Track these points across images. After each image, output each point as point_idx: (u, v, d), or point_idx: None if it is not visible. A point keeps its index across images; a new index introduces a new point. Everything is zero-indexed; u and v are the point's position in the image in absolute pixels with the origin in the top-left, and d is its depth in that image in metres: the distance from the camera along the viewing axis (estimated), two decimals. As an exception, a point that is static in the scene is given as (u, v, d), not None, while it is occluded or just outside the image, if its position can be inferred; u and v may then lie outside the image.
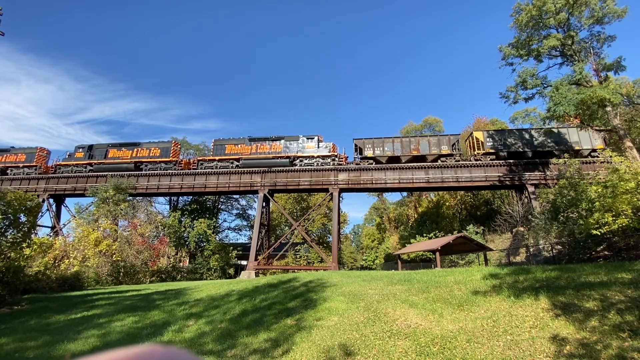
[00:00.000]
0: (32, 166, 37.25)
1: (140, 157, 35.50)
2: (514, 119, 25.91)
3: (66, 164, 36.99)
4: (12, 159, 37.88)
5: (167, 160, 35.00)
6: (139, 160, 35.34)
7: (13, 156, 38.00)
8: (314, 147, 33.34)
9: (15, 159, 37.83)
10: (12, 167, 37.63)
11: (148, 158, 35.31)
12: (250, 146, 34.17)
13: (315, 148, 33.34)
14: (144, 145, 36.32)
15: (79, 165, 36.57)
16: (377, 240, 59.86)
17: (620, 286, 8.22)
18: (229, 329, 9.30)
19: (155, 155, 35.28)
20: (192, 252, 42.54)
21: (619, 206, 15.04)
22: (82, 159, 36.61)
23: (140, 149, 35.93)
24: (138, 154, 35.74)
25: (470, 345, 6.85)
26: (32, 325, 11.30)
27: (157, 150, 35.46)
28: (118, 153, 36.19)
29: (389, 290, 11.48)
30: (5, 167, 37.76)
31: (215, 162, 34.22)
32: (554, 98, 21.20)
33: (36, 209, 17.14)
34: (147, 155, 35.50)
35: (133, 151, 36.06)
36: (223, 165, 34.01)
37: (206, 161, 34.77)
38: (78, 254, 27.36)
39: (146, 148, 35.95)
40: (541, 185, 28.69)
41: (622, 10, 21.94)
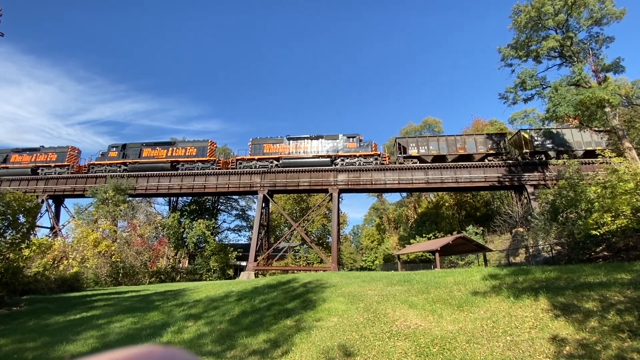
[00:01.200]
0: (64, 165, 36.54)
1: (177, 156, 34.83)
2: (513, 119, 25.87)
3: (100, 164, 36.31)
4: (42, 159, 37.10)
5: (205, 160, 34.19)
6: (176, 159, 34.64)
7: (43, 155, 37.19)
8: (355, 146, 32.74)
9: (45, 158, 37.04)
10: (43, 167, 36.85)
11: (184, 157, 34.58)
12: (288, 145, 33.55)
13: (356, 147, 32.67)
14: (179, 144, 35.73)
15: (112, 165, 35.88)
16: (377, 241, 59.87)
17: (620, 287, 8.22)
18: (228, 330, 9.29)
19: (191, 154, 34.61)
20: (192, 253, 42.50)
21: (618, 207, 15.06)
22: (116, 158, 35.91)
23: (175, 148, 35.28)
24: (174, 153, 35.09)
25: (469, 346, 6.85)
26: (31, 326, 11.27)
27: (193, 150, 34.80)
28: (153, 152, 35.57)
29: (388, 291, 11.48)
30: (36, 166, 36.97)
31: (255, 162, 33.58)
32: (553, 99, 21.25)
33: (35, 210, 17.12)
34: (183, 154, 34.83)
35: (168, 150, 35.40)
36: (262, 164, 33.42)
37: (245, 160, 33.93)
38: (77, 254, 27.33)
39: (182, 147, 35.28)
40: (540, 185, 28.70)
41: (621, 12, 22.00)
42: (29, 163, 37.24)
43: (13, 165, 37.36)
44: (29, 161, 37.38)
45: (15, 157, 37.90)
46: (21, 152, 38.19)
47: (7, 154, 38.36)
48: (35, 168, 37.00)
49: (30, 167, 36.90)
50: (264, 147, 33.89)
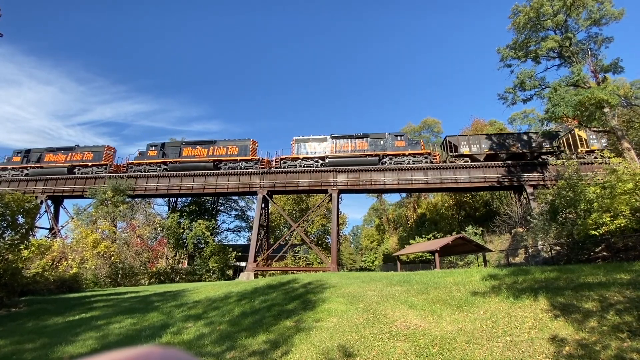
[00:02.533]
0: (101, 165, 35.87)
1: (218, 155, 34.35)
2: (512, 120, 25.94)
3: (139, 163, 35.61)
4: (78, 158, 36.37)
5: (248, 159, 33.65)
6: (218, 158, 34.04)
7: (79, 154, 36.48)
8: (404, 145, 32.15)
9: (81, 157, 36.33)
10: (80, 166, 36.13)
11: (226, 156, 34.15)
12: (333, 144, 33.12)
13: (405, 145, 32.09)
14: (221, 144, 34.98)
15: (152, 164, 35.21)
16: (377, 242, 59.91)
17: (619, 287, 8.23)
18: (227, 331, 9.27)
19: (233, 153, 34.19)
20: (191, 253, 42.45)
21: (617, 207, 15.08)
22: (156, 157, 35.23)
23: (217, 147, 34.72)
24: (215, 152, 34.53)
25: (469, 347, 6.85)
26: (29, 327, 11.24)
27: (235, 149, 34.29)
28: (193, 151, 34.87)
29: (388, 291, 11.47)
30: (73, 165, 36.22)
31: (299, 161, 33.01)
32: (552, 99, 21.28)
33: (34, 211, 17.08)
34: (224, 153, 34.35)
35: (209, 149, 34.69)
36: (307, 164, 32.99)
37: (289, 160, 33.22)
38: (76, 255, 27.28)
39: (223, 146, 34.58)
40: (540, 186, 28.71)
41: (619, 12, 22.05)
42: (64, 162, 36.44)
43: (48, 165, 36.56)
44: (64, 160, 36.55)
45: (49, 157, 37.01)
46: (55, 151, 37.29)
47: (40, 153, 37.57)
48: (72, 167, 36.25)
49: (66, 166, 36.10)
50: (307, 146, 33.31)
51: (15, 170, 37.24)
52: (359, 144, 32.75)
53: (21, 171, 37.07)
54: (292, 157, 33.27)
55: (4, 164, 37.93)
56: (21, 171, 37.07)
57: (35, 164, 36.93)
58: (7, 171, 37.41)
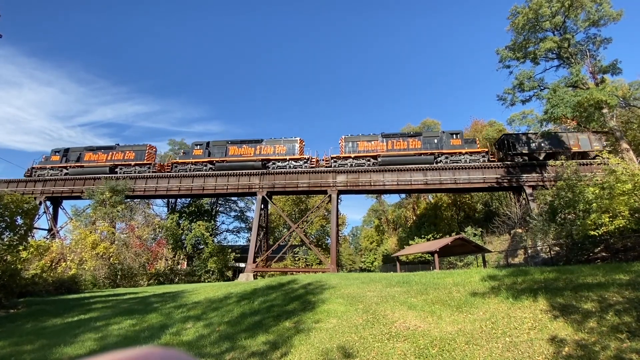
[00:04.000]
0: (144, 164, 35.26)
1: (266, 154, 33.93)
2: (511, 121, 25.97)
3: (184, 162, 34.94)
4: (119, 157, 35.83)
5: (297, 158, 33.22)
6: (266, 158, 33.60)
7: (120, 154, 35.93)
8: (460, 143, 31.49)
9: (123, 156, 35.76)
10: (122, 165, 35.57)
11: (274, 155, 33.66)
12: (384, 143, 32.56)
13: (461, 144, 31.49)
14: (268, 143, 34.48)
15: (197, 163, 34.58)
16: (376, 242, 59.90)
17: (618, 287, 8.24)
18: (227, 332, 9.26)
19: (281, 152, 33.79)
20: (190, 254, 42.40)
21: (616, 207, 15.11)
22: (201, 156, 34.62)
23: (264, 146, 34.24)
24: (262, 151, 34.13)
25: (469, 347, 6.84)
26: (28, 328, 11.20)
27: (283, 148, 33.89)
28: (240, 150, 34.47)
29: (387, 292, 11.47)
30: (115, 165, 35.67)
31: (350, 160, 32.41)
32: (551, 100, 21.33)
33: (33, 212, 17.05)
34: (272, 152, 34.01)
35: (256, 148, 34.30)
36: (358, 163, 32.28)
37: (340, 159, 32.67)
38: (75, 256, 27.21)
39: (270, 145, 34.19)
40: (539, 186, 28.76)
41: (618, 13, 22.12)
42: (105, 162, 35.95)
43: (89, 164, 36.11)
44: (105, 160, 36.07)
45: (89, 156, 36.57)
46: (95, 150, 36.84)
47: (80, 152, 37.02)
48: (114, 167, 35.71)
49: (108, 165, 35.63)
50: (358, 145, 32.84)
51: (54, 169, 36.61)
52: (411, 142, 32.30)
53: (60, 170, 36.49)
54: (342, 156, 32.67)
55: (42, 163, 37.27)
56: (60, 170, 36.49)
57: (75, 163, 36.42)
58: (45, 170, 36.72)
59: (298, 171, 32.71)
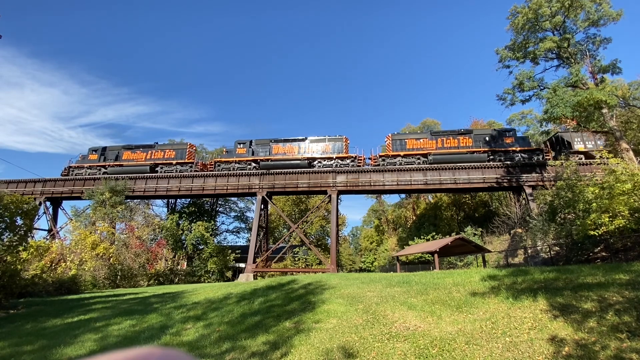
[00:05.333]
0: (186, 163, 34.81)
1: (311, 153, 33.49)
2: (511, 120, 26.07)
3: (227, 161, 34.38)
4: (159, 156, 35.52)
5: (342, 157, 32.68)
6: (311, 157, 33.15)
7: (160, 152, 35.60)
8: (513, 141, 30.98)
9: (163, 155, 35.45)
10: (163, 165, 35.21)
11: (320, 154, 33.20)
12: (434, 140, 32.12)
13: (513, 142, 30.96)
14: (312, 141, 34.16)
15: (241, 162, 34.07)
16: (376, 242, 59.89)
17: (618, 287, 8.24)
18: (227, 332, 9.25)
19: (327, 151, 33.33)
20: (190, 255, 42.38)
21: (616, 207, 15.11)
22: (245, 155, 34.32)
23: (308, 145, 33.87)
24: (307, 150, 33.74)
25: (469, 347, 6.84)
26: (28, 329, 11.20)
27: (327, 146, 33.39)
28: (284, 149, 33.97)
29: (387, 292, 11.46)
30: (155, 164, 35.28)
31: (399, 159, 32.00)
32: (551, 100, 21.34)
33: (33, 212, 17.03)
34: (317, 151, 33.54)
35: (300, 147, 33.82)
36: (407, 161, 31.85)
37: (389, 157, 32.30)
38: (75, 257, 27.20)
39: (315, 144, 33.79)
40: (538, 186, 28.77)
41: (617, 13, 22.14)
42: (145, 160, 35.57)
43: (128, 163, 35.73)
44: (144, 158, 35.69)
45: (127, 154, 36.21)
46: (134, 149, 36.50)
47: (118, 150, 36.70)
48: (154, 166, 35.36)
49: (148, 164, 35.18)
50: (406, 143, 32.44)
51: (92, 168, 36.36)
52: (462, 140, 31.81)
53: (99, 169, 36.22)
54: (390, 155, 32.19)
55: (80, 162, 36.98)
56: (99, 169, 36.22)
57: (114, 162, 36.07)
58: (83, 169, 36.49)
59: (298, 171, 32.70)
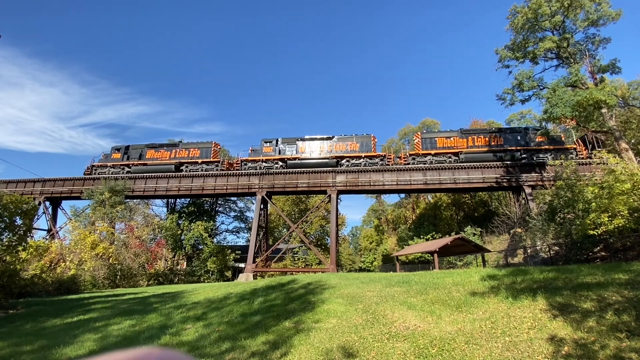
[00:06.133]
0: (211, 162, 34.37)
1: (338, 151, 33.13)
2: (510, 121, 26.09)
3: (254, 160, 34.05)
4: (183, 154, 35.17)
5: (371, 155, 32.50)
6: (340, 155, 32.77)
7: (184, 151, 35.24)
8: (545, 140, 30.20)
9: (187, 154, 35.11)
10: (188, 163, 34.87)
11: (348, 153, 33.01)
12: (464, 139, 31.90)
13: (546, 140, 30.30)
14: (340, 139, 33.86)
15: (268, 161, 33.63)
16: (375, 242, 59.91)
17: (617, 287, 8.25)
18: (227, 332, 9.25)
19: (354, 149, 33.08)
20: (190, 254, 42.36)
21: (615, 207, 15.13)
22: (271, 154, 33.94)
23: (336, 143, 33.54)
24: (335, 148, 33.34)
25: (468, 347, 6.85)
26: (27, 329, 11.19)
27: (356, 145, 33.09)
28: (310, 148, 33.75)
29: (387, 292, 11.47)
30: (180, 162, 34.88)
31: (430, 157, 31.78)
32: (550, 100, 21.35)
33: (32, 212, 17.01)
34: (344, 149, 33.37)
35: (327, 146, 33.32)
36: (438, 160, 31.63)
37: (419, 155, 32.02)
38: (74, 257, 27.18)
39: (342, 142, 33.61)
40: (538, 186, 28.79)
41: (617, 13, 22.15)
42: (169, 159, 35.21)
43: (152, 162, 35.38)
44: (168, 157, 35.33)
45: (151, 153, 35.89)
46: (157, 147, 36.12)
47: (141, 149, 36.28)
48: (179, 165, 34.92)
49: (173, 163, 34.79)
50: (436, 142, 32.24)
51: (115, 167, 36.02)
52: (492, 138, 31.69)
53: (122, 169, 35.89)
54: (421, 153, 32.01)
55: (103, 160, 36.62)
56: (122, 169, 35.89)
57: (138, 161, 35.73)
58: (106, 168, 36.12)
59: (297, 171, 32.70)
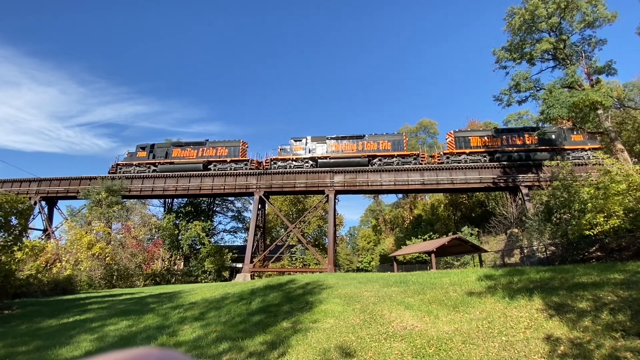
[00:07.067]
0: (240, 161, 33.95)
1: (371, 150, 32.74)
2: (507, 121, 26.31)
3: (283, 159, 33.26)
4: (211, 153, 34.65)
5: (404, 154, 32.27)
6: (372, 154, 32.34)
7: (212, 150, 34.76)
8: (582, 139, 30.39)
9: (215, 153, 34.63)
10: (216, 162, 34.34)
11: (381, 151, 32.49)
12: (499, 138, 31.78)
13: (583, 139, 30.38)
14: (370, 138, 33.40)
15: (298, 160, 33.12)
16: (373, 242, 59.95)
17: (613, 287, 8.32)
18: (224, 332, 9.23)
19: (386, 148, 32.71)
20: (187, 254, 42.22)
21: (611, 207, 15.24)
22: (302, 153, 33.53)
23: (367, 142, 33.10)
24: (365, 147, 32.83)
25: (465, 347, 6.88)
26: (23, 329, 11.11)
27: (387, 144, 32.76)
28: (340, 146, 33.19)
29: (384, 292, 11.49)
30: (208, 161, 34.36)
31: (464, 156, 31.62)
32: (547, 101, 21.48)
33: (28, 212, 16.90)
34: (376, 148, 32.77)
35: (358, 144, 33.01)
36: (472, 159, 31.50)
37: (453, 154, 31.92)
38: (70, 257, 27.00)
39: (374, 141, 33.14)
40: (534, 187, 28.95)
41: (612, 15, 22.32)
42: (196, 158, 34.70)
43: (180, 161, 34.82)
44: (195, 156, 34.83)
45: (177, 152, 35.34)
46: (183, 146, 35.65)
47: (167, 148, 35.78)
48: (207, 163, 34.40)
49: (201, 162, 34.28)
50: (470, 141, 32.19)
51: (141, 166, 35.44)
52: (527, 138, 31.60)
53: (148, 167, 35.31)
54: (455, 152, 32.01)
55: (128, 159, 35.98)
56: (148, 167, 35.31)
57: (164, 159, 35.16)
58: (131, 167, 35.57)
59: (295, 171, 32.68)
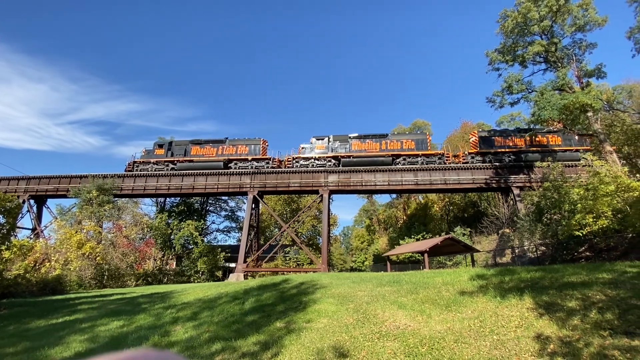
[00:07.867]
0: (262, 159, 33.36)
1: (394, 149, 32.56)
2: (500, 122, 26.52)
3: (305, 157, 32.75)
4: (231, 151, 33.97)
5: (428, 154, 32.18)
6: (397, 153, 32.22)
7: (232, 148, 34.07)
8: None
9: (235, 151, 33.91)
10: (237, 160, 33.73)
11: (405, 151, 32.25)
12: (522, 139, 31.70)
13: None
14: (394, 137, 33.29)
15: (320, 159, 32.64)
16: (367, 242, 60.14)
17: (601, 286, 8.47)
18: (217, 333, 9.17)
19: (410, 147, 32.50)
20: (179, 254, 41.84)
21: (600, 208, 15.54)
22: (324, 152, 32.90)
23: (390, 141, 32.78)
24: (389, 146, 32.56)
25: (457, 346, 6.94)
26: (10, 330, 10.90)
27: (411, 143, 32.50)
28: (363, 145, 32.90)
29: (378, 291, 11.54)
30: (228, 160, 33.66)
31: (490, 156, 31.79)
32: (538, 103, 21.77)
33: (16, 210, 16.59)
34: (400, 147, 32.46)
35: (381, 143, 32.67)
36: (497, 159, 31.59)
37: (477, 154, 32.00)
38: (60, 257, 26.57)
39: (397, 140, 32.96)
40: (526, 187, 29.35)
41: (603, 19, 22.71)
42: (216, 156, 34.05)
43: (199, 159, 34.02)
44: (215, 154, 34.17)
45: (196, 150, 34.59)
46: (202, 144, 34.82)
47: (185, 145, 34.96)
48: (227, 161, 33.77)
49: (222, 160, 33.60)
50: (494, 141, 32.24)
51: (159, 164, 34.56)
52: (551, 138, 31.94)
53: (166, 165, 34.46)
54: (480, 152, 32.08)
55: (145, 157, 35.07)
56: (166, 165, 34.46)
57: (183, 157, 34.36)
58: (149, 165, 34.72)
59: (289, 171, 32.61)
